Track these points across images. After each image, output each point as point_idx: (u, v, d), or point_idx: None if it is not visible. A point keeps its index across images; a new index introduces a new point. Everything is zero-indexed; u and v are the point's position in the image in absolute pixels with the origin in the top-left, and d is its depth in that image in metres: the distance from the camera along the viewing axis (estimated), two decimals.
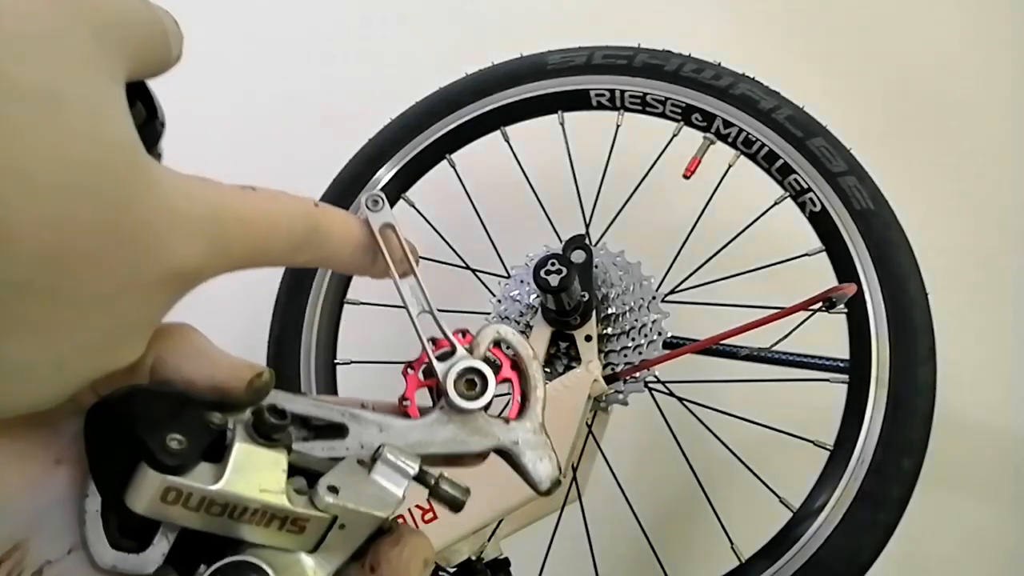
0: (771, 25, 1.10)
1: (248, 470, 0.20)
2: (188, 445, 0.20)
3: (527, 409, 0.27)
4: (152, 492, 0.19)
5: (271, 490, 0.20)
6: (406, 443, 0.25)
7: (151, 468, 0.19)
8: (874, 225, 0.66)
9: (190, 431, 0.20)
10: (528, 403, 0.27)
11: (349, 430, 0.25)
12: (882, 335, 0.62)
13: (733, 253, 0.74)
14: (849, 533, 0.58)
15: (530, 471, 0.26)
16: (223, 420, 0.21)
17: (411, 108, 0.83)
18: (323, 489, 0.21)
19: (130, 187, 0.17)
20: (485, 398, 0.26)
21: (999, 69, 1.02)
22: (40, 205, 0.15)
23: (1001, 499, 0.88)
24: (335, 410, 0.25)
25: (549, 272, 0.63)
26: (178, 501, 0.19)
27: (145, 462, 0.19)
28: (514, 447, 0.26)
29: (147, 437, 0.19)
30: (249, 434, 0.21)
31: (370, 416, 0.25)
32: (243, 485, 0.20)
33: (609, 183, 0.78)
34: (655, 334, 0.68)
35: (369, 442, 0.24)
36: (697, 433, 0.73)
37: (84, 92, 0.16)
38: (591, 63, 0.77)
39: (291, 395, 0.24)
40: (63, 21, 0.16)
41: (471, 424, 0.26)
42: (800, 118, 0.71)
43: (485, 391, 0.26)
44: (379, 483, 0.23)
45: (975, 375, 0.89)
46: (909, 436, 0.60)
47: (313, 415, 0.24)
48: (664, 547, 0.74)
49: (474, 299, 0.79)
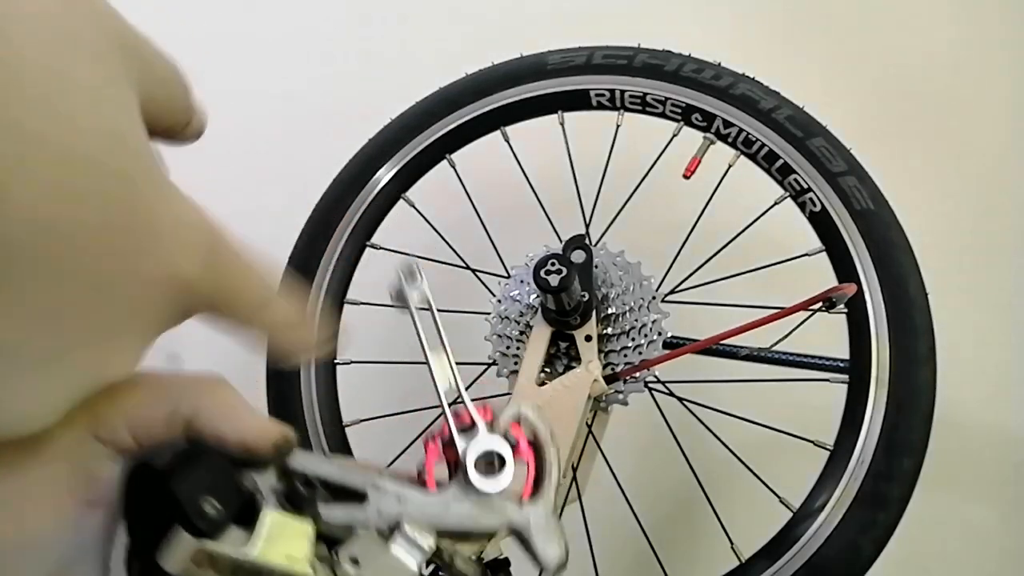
0: (771, 25, 1.10)
1: (277, 538, 0.21)
2: (222, 511, 0.20)
3: (541, 491, 0.27)
4: (185, 554, 0.20)
5: (298, 558, 0.21)
6: (422, 516, 0.25)
7: (186, 532, 0.20)
8: (874, 225, 0.66)
9: (224, 496, 0.21)
10: (542, 485, 0.28)
11: (369, 498, 0.25)
12: (882, 335, 0.62)
13: (733, 253, 0.74)
14: (849, 533, 0.58)
15: (539, 553, 0.27)
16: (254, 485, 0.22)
17: (411, 108, 0.83)
18: (346, 561, 0.22)
19: (137, 181, 0.18)
20: (503, 482, 0.26)
21: (999, 69, 1.02)
22: (44, 171, 0.15)
23: (1001, 499, 0.88)
24: (357, 477, 0.25)
25: (549, 272, 0.63)
26: (208, 564, 0.20)
27: (180, 525, 0.20)
28: (525, 528, 0.27)
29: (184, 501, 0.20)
30: (280, 502, 0.22)
31: (390, 486, 0.26)
32: (272, 553, 0.21)
33: (609, 183, 0.78)
34: (655, 334, 0.68)
35: (387, 512, 0.25)
36: (697, 433, 0.73)
37: (99, 83, 0.17)
38: (591, 63, 0.77)
39: (317, 458, 0.25)
40: (82, 22, 0.17)
41: (486, 503, 0.26)
42: (800, 118, 0.71)
43: (503, 472, 0.26)
44: (396, 557, 0.24)
45: (975, 375, 0.89)
46: (909, 436, 0.60)
47: (336, 480, 0.25)
48: (664, 547, 0.74)
49: (474, 299, 0.79)
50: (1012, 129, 1.00)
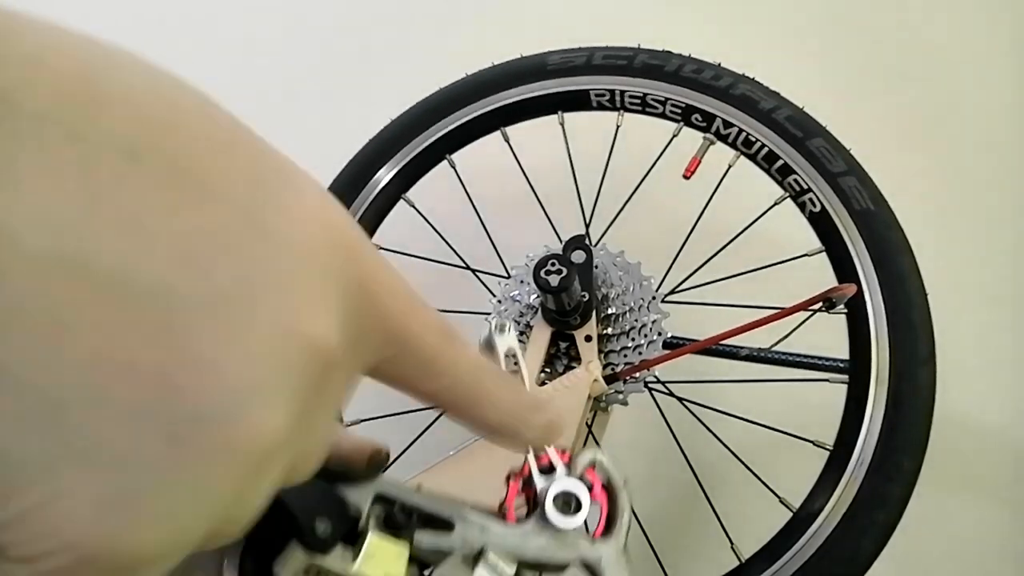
0: (771, 25, 1.10)
1: (377, 558, 0.24)
2: (332, 530, 0.23)
3: (613, 531, 0.30)
4: (298, 567, 0.22)
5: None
6: (503, 546, 0.28)
7: (301, 546, 0.22)
8: (874, 225, 0.66)
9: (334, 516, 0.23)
10: (615, 526, 0.30)
11: (455, 526, 0.27)
12: (882, 335, 0.63)
13: (733, 253, 0.74)
14: (849, 533, 0.58)
15: None
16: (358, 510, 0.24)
17: (411, 108, 0.83)
18: None
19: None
20: (579, 519, 0.29)
21: (1000, 69, 1.02)
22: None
23: (1001, 499, 0.88)
24: (445, 507, 0.28)
25: (549, 272, 0.63)
26: None
27: (296, 541, 0.22)
28: (596, 564, 0.29)
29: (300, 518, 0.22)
30: (380, 525, 0.24)
31: (474, 517, 0.28)
32: (372, 570, 0.23)
33: (609, 183, 0.78)
34: (655, 334, 0.68)
35: (471, 540, 0.27)
36: (697, 433, 0.73)
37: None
38: (591, 63, 0.77)
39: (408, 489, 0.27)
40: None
41: (561, 538, 0.29)
42: (800, 118, 0.71)
43: (579, 512, 0.29)
44: None
45: (975, 375, 0.89)
46: (909, 436, 0.60)
47: (426, 509, 0.27)
48: (664, 547, 0.74)
49: (474, 299, 0.79)
50: (1013, 129, 1.00)
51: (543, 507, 0.29)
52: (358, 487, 0.26)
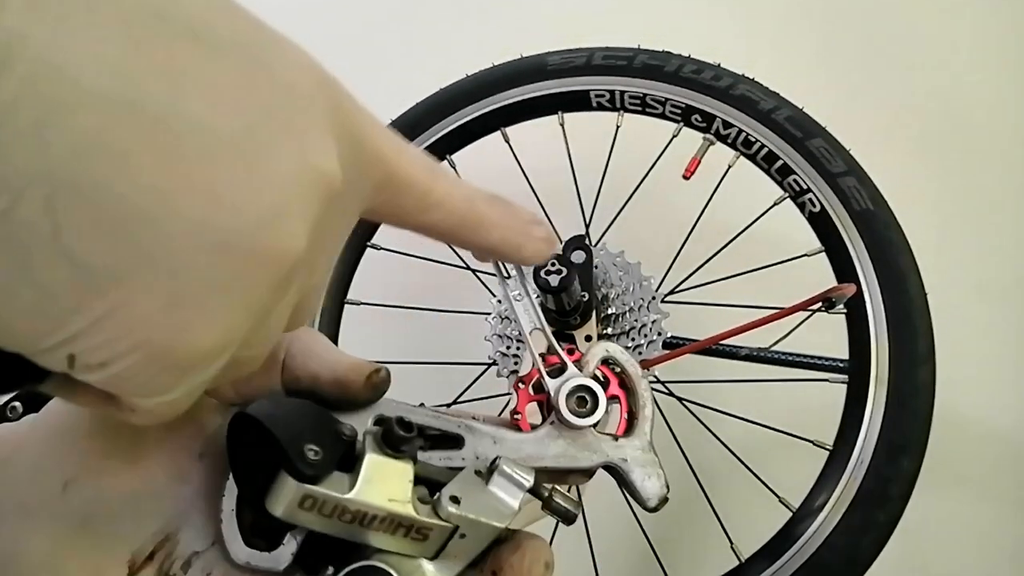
0: (771, 25, 1.10)
1: (377, 480, 0.22)
2: (324, 456, 0.21)
3: (636, 427, 0.28)
4: (291, 499, 0.20)
5: (399, 500, 0.22)
6: (519, 456, 0.26)
7: (291, 477, 0.20)
8: (874, 225, 0.66)
9: (325, 442, 0.21)
10: (637, 421, 0.28)
11: (465, 441, 0.26)
12: (882, 335, 0.63)
13: (733, 253, 0.74)
14: (849, 533, 0.58)
15: (638, 488, 0.27)
16: (353, 431, 0.23)
17: (411, 108, 0.83)
18: (446, 500, 0.23)
19: None
20: (596, 415, 0.26)
21: (999, 68, 1.02)
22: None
23: (1001, 499, 0.88)
24: (452, 422, 0.26)
25: (549, 272, 0.63)
26: (313, 508, 0.21)
27: (286, 471, 0.21)
28: (623, 464, 0.27)
29: (288, 448, 0.20)
30: (378, 445, 0.22)
31: (484, 428, 0.26)
32: (373, 495, 0.21)
33: (609, 183, 0.78)
34: (655, 334, 0.68)
35: (484, 453, 0.25)
36: (697, 433, 0.73)
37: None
38: (591, 64, 0.77)
39: (410, 406, 0.26)
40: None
41: (581, 440, 0.26)
42: (800, 118, 0.71)
43: (596, 409, 0.27)
44: (496, 494, 0.24)
45: (975, 375, 0.89)
46: (909, 436, 0.60)
47: (431, 426, 0.25)
48: (664, 547, 0.74)
49: (474, 299, 0.79)
50: (1012, 128, 1.00)
51: (557, 408, 0.26)
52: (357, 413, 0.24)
